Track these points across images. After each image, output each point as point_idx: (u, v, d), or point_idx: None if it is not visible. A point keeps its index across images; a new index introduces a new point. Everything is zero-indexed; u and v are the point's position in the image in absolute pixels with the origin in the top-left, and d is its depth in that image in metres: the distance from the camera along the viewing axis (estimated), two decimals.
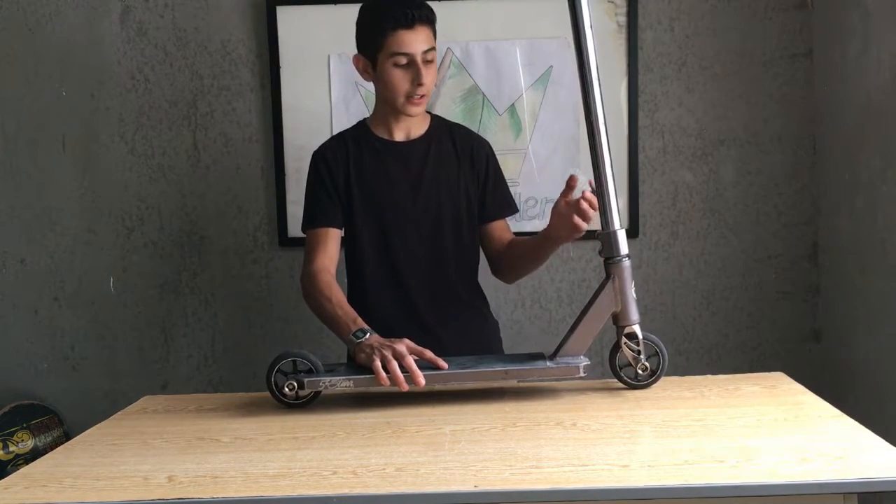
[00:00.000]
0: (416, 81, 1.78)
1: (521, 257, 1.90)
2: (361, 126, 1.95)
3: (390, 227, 1.88)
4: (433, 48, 1.80)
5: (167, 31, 2.56)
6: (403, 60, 1.77)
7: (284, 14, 2.52)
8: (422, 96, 1.81)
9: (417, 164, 1.89)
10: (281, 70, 2.54)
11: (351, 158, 1.88)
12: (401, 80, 1.79)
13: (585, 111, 1.61)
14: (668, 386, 1.65)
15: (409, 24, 1.75)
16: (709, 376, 1.75)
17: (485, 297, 2.03)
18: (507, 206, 1.98)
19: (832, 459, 1.21)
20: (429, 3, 1.84)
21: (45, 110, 2.59)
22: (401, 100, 1.81)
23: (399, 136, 1.91)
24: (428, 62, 1.79)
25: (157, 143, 2.59)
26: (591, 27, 1.60)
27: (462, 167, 1.92)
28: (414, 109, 1.83)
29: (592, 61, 1.60)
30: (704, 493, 1.15)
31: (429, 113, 1.96)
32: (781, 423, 1.40)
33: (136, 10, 2.56)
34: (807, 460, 1.21)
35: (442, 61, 2.50)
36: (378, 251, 1.89)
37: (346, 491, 1.18)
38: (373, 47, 1.80)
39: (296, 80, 2.53)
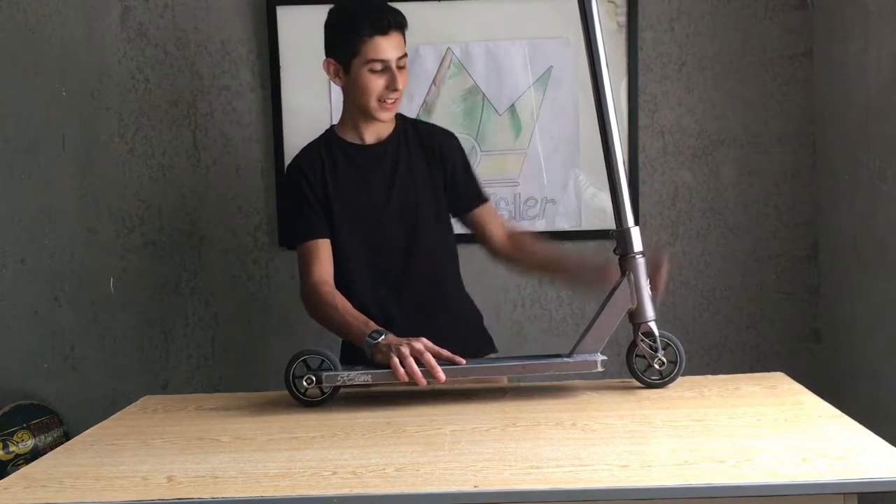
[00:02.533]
0: (391, 87, 1.81)
1: (533, 270, 2.01)
2: (330, 133, 1.96)
3: (370, 230, 1.89)
4: (405, 55, 1.84)
5: (167, 31, 2.56)
6: (379, 67, 1.80)
7: (284, 14, 2.52)
8: (394, 101, 1.84)
9: (390, 164, 1.90)
10: (281, 70, 2.53)
11: (326, 168, 1.90)
12: (375, 85, 1.81)
13: (597, 109, 1.62)
14: (668, 386, 1.65)
15: (385, 31, 1.78)
16: (709, 376, 1.75)
17: (464, 289, 2.04)
18: (480, 196, 1.99)
19: (832, 459, 1.21)
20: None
21: (45, 110, 2.59)
22: (374, 104, 1.83)
23: (369, 139, 1.91)
24: (401, 68, 1.82)
25: (157, 143, 2.58)
26: (601, 27, 1.61)
27: (433, 162, 1.93)
28: (385, 115, 1.86)
29: (602, 59, 1.61)
30: (704, 493, 1.15)
31: None
32: (781, 423, 1.40)
33: (136, 10, 2.55)
34: (807, 460, 1.21)
35: (442, 61, 2.50)
36: (360, 255, 1.89)
37: (346, 491, 1.18)
38: (347, 53, 1.82)
39: (296, 80, 2.53)
